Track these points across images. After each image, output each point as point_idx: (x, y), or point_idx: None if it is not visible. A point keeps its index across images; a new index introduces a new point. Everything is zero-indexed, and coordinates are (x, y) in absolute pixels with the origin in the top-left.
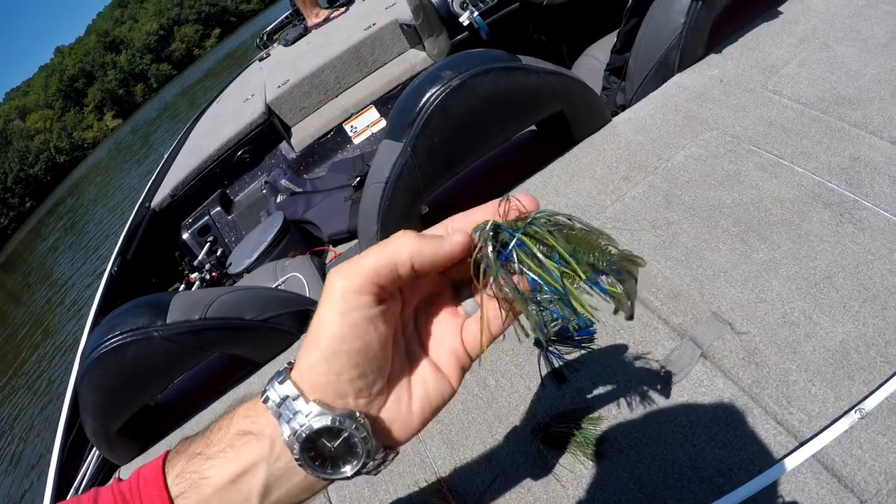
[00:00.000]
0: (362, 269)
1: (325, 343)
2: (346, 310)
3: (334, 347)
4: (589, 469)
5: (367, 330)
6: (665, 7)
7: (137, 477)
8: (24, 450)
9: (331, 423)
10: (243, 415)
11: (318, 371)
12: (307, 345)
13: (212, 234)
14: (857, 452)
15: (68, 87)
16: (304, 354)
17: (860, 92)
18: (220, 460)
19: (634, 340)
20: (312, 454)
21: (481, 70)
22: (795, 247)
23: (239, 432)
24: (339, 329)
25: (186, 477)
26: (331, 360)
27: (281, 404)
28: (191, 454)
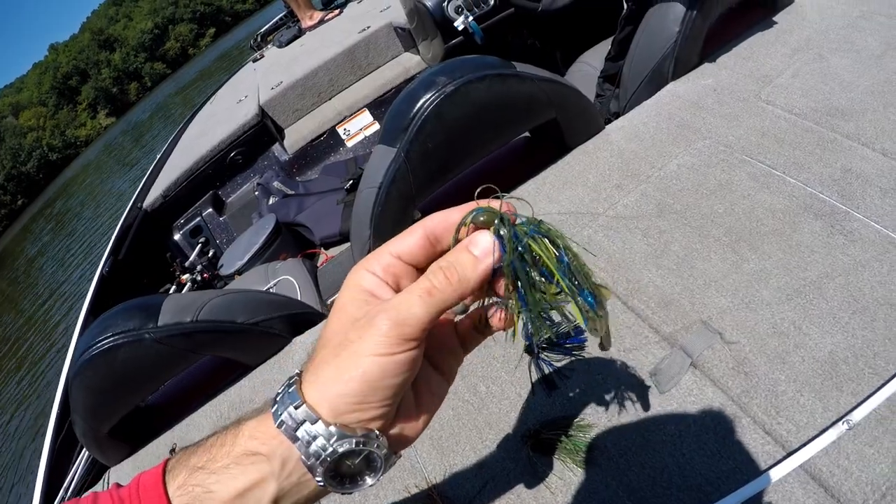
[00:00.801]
0: (415, 318)
1: (366, 378)
2: (395, 352)
3: (374, 384)
4: (578, 476)
5: (408, 368)
6: (660, 15)
7: (137, 484)
8: (11, 449)
9: (353, 447)
10: (250, 435)
11: (348, 400)
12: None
13: (203, 235)
14: (845, 463)
15: (62, 84)
16: (335, 383)
17: (853, 103)
18: (225, 476)
19: (624, 348)
20: (333, 473)
21: (476, 76)
22: (786, 257)
23: (246, 452)
24: (383, 369)
25: (189, 490)
26: (366, 393)
27: (297, 428)
28: (192, 467)
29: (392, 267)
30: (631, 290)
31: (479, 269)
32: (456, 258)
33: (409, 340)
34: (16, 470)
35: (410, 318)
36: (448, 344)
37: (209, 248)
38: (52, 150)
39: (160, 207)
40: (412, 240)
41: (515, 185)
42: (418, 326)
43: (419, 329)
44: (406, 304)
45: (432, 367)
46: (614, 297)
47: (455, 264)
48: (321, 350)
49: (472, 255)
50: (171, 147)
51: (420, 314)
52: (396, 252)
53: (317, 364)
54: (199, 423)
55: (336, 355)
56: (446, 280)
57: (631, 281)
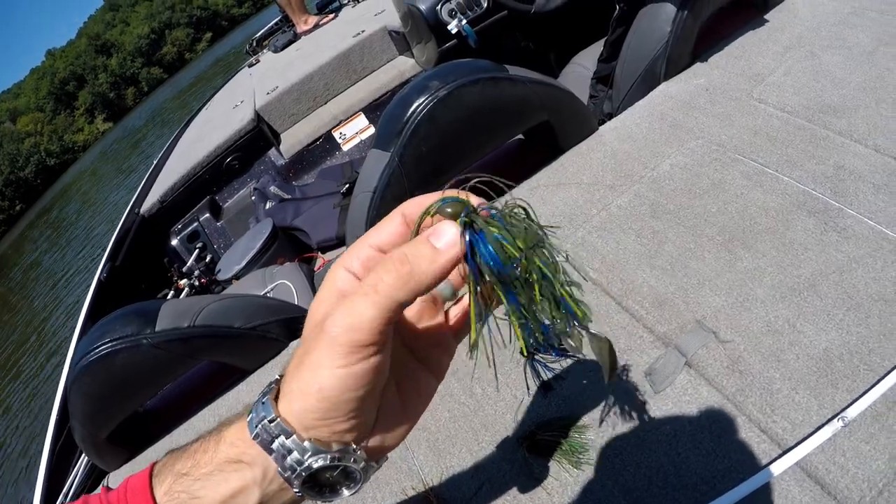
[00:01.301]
0: (367, 322)
1: (325, 394)
2: (351, 362)
3: (334, 398)
4: (574, 477)
5: (372, 378)
6: (651, 16)
7: (125, 488)
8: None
9: (329, 463)
10: (231, 442)
11: (314, 416)
12: (302, 390)
13: (201, 240)
14: (841, 460)
15: (59, 90)
16: (298, 398)
17: (845, 100)
18: (209, 482)
19: (619, 349)
20: (310, 484)
21: (468, 80)
22: (780, 255)
23: (228, 459)
24: (342, 382)
25: (175, 496)
26: (328, 409)
27: (272, 441)
28: (177, 473)
29: (371, 260)
30: (625, 290)
31: (438, 264)
32: (412, 249)
33: (365, 347)
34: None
35: (360, 322)
36: (435, 336)
37: (206, 253)
38: (49, 155)
39: (157, 213)
40: (390, 228)
41: (509, 188)
42: (372, 330)
43: (374, 333)
44: (355, 306)
45: (418, 363)
46: (608, 297)
47: (409, 255)
48: (293, 357)
49: (430, 247)
50: (167, 152)
51: (370, 315)
52: (375, 243)
53: (288, 373)
54: (198, 427)
55: (299, 366)
56: (396, 273)
57: (625, 281)
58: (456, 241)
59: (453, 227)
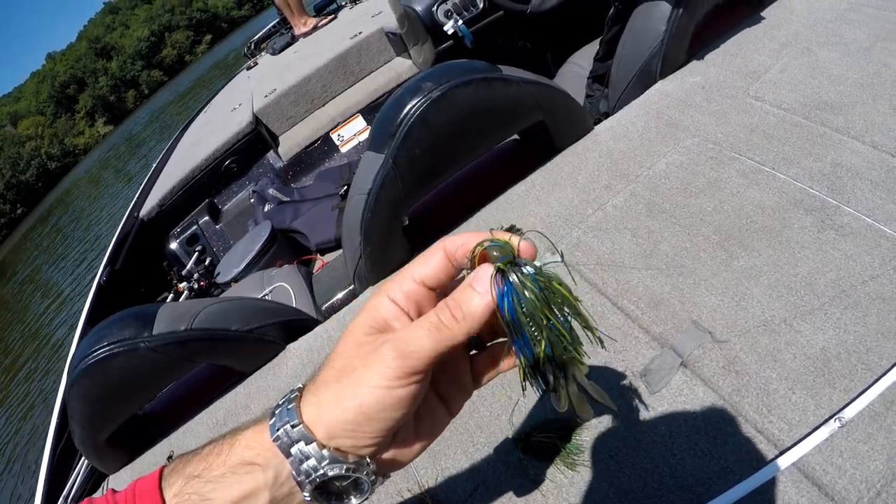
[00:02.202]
0: (422, 352)
1: (364, 409)
2: (396, 385)
3: (370, 415)
4: (569, 478)
5: (409, 403)
6: (646, 15)
7: (133, 490)
8: (13, 457)
9: (344, 472)
10: (247, 445)
11: (344, 427)
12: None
13: (200, 243)
14: (838, 461)
15: (60, 93)
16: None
17: (842, 97)
18: (221, 484)
19: (615, 349)
20: (321, 490)
21: (461, 81)
22: (776, 254)
23: (242, 462)
24: (383, 401)
25: (186, 498)
26: (361, 423)
27: (292, 445)
28: (188, 475)
29: (415, 294)
30: (620, 290)
31: (482, 307)
32: (461, 295)
33: (413, 374)
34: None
35: (417, 352)
36: (460, 378)
37: (206, 256)
38: (50, 158)
39: (156, 216)
40: (434, 263)
41: (504, 189)
42: (424, 360)
43: (424, 363)
44: (414, 336)
45: (438, 399)
46: (604, 297)
47: (460, 302)
48: (325, 369)
49: (475, 292)
50: (166, 156)
51: (427, 348)
52: (420, 277)
53: (318, 384)
54: (196, 430)
55: (338, 380)
56: (452, 317)
57: (620, 281)
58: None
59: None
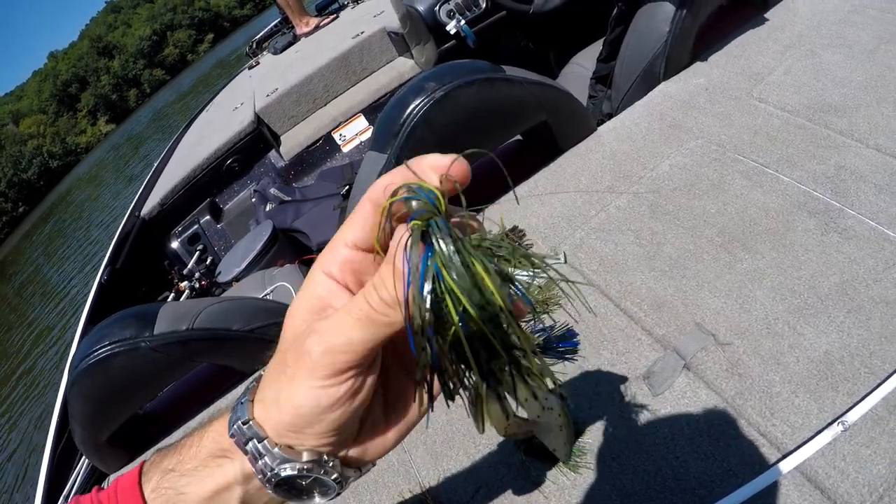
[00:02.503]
0: (352, 345)
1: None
2: (330, 384)
3: (310, 417)
4: (571, 480)
5: (353, 399)
6: (650, 15)
7: (115, 488)
8: (13, 456)
9: (297, 473)
10: (214, 438)
11: (286, 428)
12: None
13: (201, 242)
14: (841, 464)
15: (62, 91)
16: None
17: (846, 99)
18: (195, 478)
19: (617, 351)
20: (285, 487)
21: (465, 81)
22: (780, 257)
23: (211, 454)
24: (318, 402)
25: (162, 492)
26: (302, 425)
27: (247, 443)
28: (164, 469)
29: (350, 262)
30: (624, 292)
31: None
32: (384, 270)
33: (347, 370)
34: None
35: (345, 345)
36: None
37: (207, 255)
38: (52, 157)
39: (158, 216)
40: (361, 220)
41: (508, 189)
42: (357, 354)
43: (358, 357)
44: (341, 327)
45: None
46: (607, 299)
47: (384, 279)
48: (271, 363)
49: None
50: (168, 155)
51: (357, 340)
52: (351, 240)
53: (264, 380)
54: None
55: (276, 378)
56: (380, 300)
57: (624, 283)
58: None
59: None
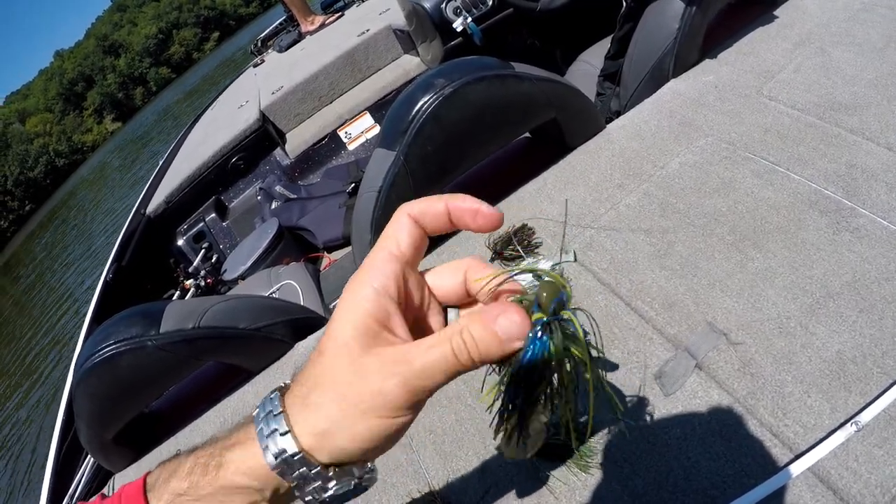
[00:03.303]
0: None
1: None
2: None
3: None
4: (582, 481)
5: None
6: (659, 12)
7: (119, 498)
8: (18, 456)
9: (352, 488)
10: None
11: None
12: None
13: (207, 240)
14: (854, 465)
15: (68, 90)
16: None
17: (856, 97)
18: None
19: (628, 351)
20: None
21: (474, 78)
22: (791, 255)
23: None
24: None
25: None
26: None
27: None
28: (173, 492)
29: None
30: (634, 291)
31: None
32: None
33: (420, 402)
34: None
35: (429, 383)
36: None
37: (212, 253)
38: (58, 155)
39: (163, 213)
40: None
41: (516, 187)
42: (434, 388)
43: (433, 390)
44: (427, 364)
45: None
46: (617, 298)
47: (478, 342)
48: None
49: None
50: (173, 153)
51: (440, 378)
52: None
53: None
54: (203, 428)
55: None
56: (468, 353)
57: (634, 282)
58: (520, 340)
59: (522, 325)
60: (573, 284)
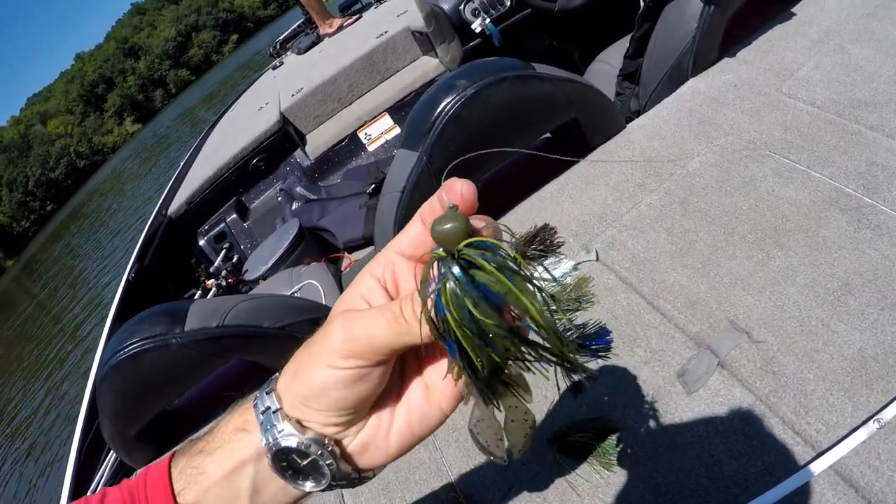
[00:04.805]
0: (371, 340)
1: (309, 383)
2: (342, 367)
3: (316, 390)
4: (605, 478)
5: (356, 385)
6: (677, 11)
7: (145, 475)
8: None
9: (296, 446)
10: (240, 413)
11: (297, 400)
12: (298, 374)
13: (228, 241)
14: (875, 463)
15: (88, 92)
16: (291, 383)
17: (876, 94)
18: (216, 456)
19: (651, 349)
20: (285, 464)
21: (496, 79)
22: (813, 254)
23: (235, 428)
24: (326, 381)
25: (187, 472)
26: (311, 399)
27: (265, 412)
28: (194, 452)
29: (392, 265)
30: (657, 290)
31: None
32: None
33: (359, 358)
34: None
35: (365, 337)
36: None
37: (233, 253)
38: (79, 156)
39: (184, 214)
40: (411, 233)
41: (538, 187)
42: (372, 348)
43: (372, 351)
44: (367, 322)
45: (422, 389)
46: (640, 297)
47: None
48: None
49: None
50: (193, 155)
51: (378, 336)
52: (399, 248)
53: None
54: None
55: (301, 353)
56: (413, 312)
57: (656, 281)
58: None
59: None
60: (595, 283)
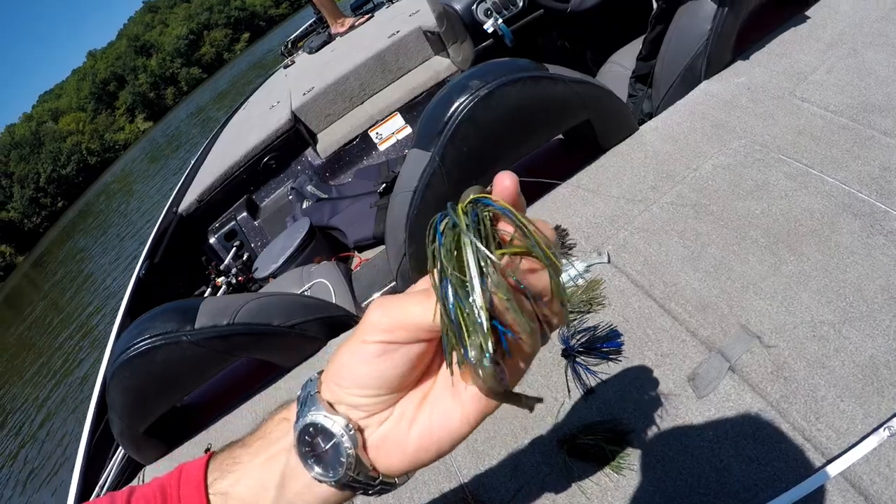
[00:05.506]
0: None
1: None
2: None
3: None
4: (615, 482)
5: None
6: (691, 14)
7: (181, 468)
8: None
9: (317, 421)
10: (287, 405)
11: (331, 378)
12: (334, 354)
13: (238, 238)
14: (886, 471)
15: (100, 90)
16: (329, 365)
17: (890, 98)
18: (254, 447)
19: (662, 353)
20: (308, 448)
21: (509, 80)
22: (825, 259)
23: (279, 419)
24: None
25: (224, 464)
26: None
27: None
28: (235, 445)
29: None
30: (668, 293)
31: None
32: None
33: (388, 332)
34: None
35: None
36: None
37: (244, 251)
38: (90, 153)
39: (195, 212)
40: None
41: (550, 188)
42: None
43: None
44: (406, 300)
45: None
46: (651, 300)
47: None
48: None
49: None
50: (205, 153)
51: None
52: None
53: None
54: (235, 423)
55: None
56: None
57: (668, 284)
58: None
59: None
60: (606, 285)
